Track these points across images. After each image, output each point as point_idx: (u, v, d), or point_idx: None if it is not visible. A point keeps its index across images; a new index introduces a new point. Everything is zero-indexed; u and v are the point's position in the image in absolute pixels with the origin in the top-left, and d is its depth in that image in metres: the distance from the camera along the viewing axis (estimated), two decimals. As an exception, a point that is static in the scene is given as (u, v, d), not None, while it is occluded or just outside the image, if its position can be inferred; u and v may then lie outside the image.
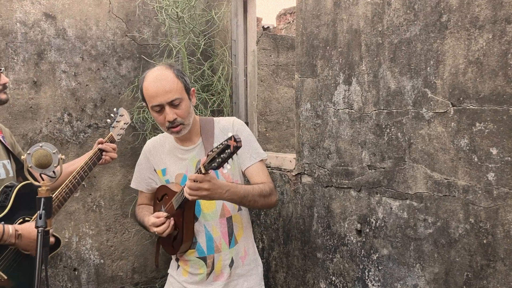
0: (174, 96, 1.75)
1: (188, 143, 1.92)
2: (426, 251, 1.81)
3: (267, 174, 1.92)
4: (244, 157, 1.90)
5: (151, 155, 2.01)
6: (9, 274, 1.68)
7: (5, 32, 2.75)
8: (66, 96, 2.95)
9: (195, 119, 1.92)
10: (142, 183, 2.04)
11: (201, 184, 1.57)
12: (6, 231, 1.61)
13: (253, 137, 1.95)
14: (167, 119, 1.76)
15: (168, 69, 1.79)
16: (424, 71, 1.78)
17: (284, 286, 2.59)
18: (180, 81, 1.78)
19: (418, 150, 1.82)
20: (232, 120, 1.95)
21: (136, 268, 3.24)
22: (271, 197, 1.85)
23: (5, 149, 1.89)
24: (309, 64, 2.33)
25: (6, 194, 1.72)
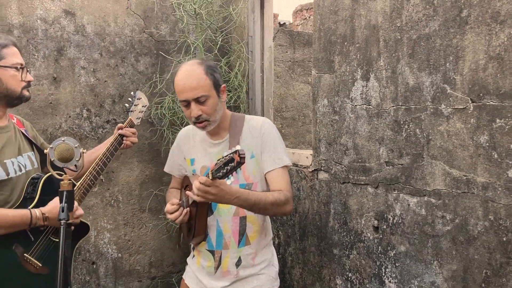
0: (200, 93, 1.77)
1: (217, 137, 1.93)
2: (444, 248, 1.80)
3: (287, 182, 1.89)
4: (267, 161, 1.89)
5: (183, 143, 2.05)
6: (43, 261, 1.73)
7: (26, 29, 2.80)
8: (85, 92, 2.99)
9: (226, 114, 1.94)
10: (174, 168, 2.11)
11: (209, 188, 1.58)
12: (33, 214, 1.66)
13: (280, 141, 1.93)
14: (192, 115, 1.79)
15: (199, 65, 1.81)
16: (443, 67, 1.77)
17: (300, 282, 2.60)
18: (209, 78, 1.79)
19: (437, 147, 1.80)
20: (262, 121, 1.94)
21: (153, 262, 3.27)
22: (286, 206, 1.83)
23: (28, 142, 1.93)
24: (327, 60, 2.33)
25: (33, 185, 1.76)
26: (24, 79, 1.79)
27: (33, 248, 1.73)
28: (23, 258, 1.68)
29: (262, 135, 1.90)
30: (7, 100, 1.79)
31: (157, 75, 3.16)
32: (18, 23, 2.78)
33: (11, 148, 1.80)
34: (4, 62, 1.74)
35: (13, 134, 1.85)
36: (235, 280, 1.91)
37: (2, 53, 1.74)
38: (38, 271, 1.72)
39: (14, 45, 1.80)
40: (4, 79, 1.74)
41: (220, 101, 1.85)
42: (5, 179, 1.72)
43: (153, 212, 3.24)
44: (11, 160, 1.77)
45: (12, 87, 1.76)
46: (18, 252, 1.67)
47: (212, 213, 1.89)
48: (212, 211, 1.89)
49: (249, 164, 1.88)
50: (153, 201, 3.22)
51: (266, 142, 1.90)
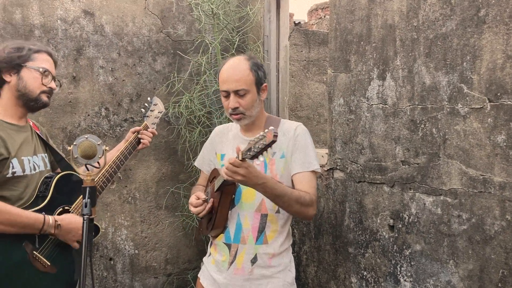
0: (241, 86, 1.84)
1: (250, 134, 1.97)
2: (460, 247, 1.80)
3: (313, 186, 1.90)
4: (296, 162, 1.91)
5: (216, 138, 2.10)
6: (52, 260, 1.76)
7: (47, 29, 2.86)
8: (103, 90, 3.04)
9: (262, 114, 1.99)
10: (204, 163, 2.15)
11: (238, 169, 1.63)
12: (46, 221, 1.70)
13: (312, 147, 1.95)
14: (230, 106, 1.86)
15: (245, 60, 1.89)
16: (460, 66, 1.77)
17: (315, 280, 2.61)
18: (252, 73, 1.86)
19: (453, 146, 1.80)
20: (296, 125, 1.98)
21: (169, 259, 3.32)
22: (309, 208, 1.85)
23: (43, 143, 1.98)
24: (343, 59, 2.34)
25: (46, 184, 1.81)
26: (46, 84, 1.85)
27: (42, 247, 1.76)
28: (32, 255, 1.71)
29: (296, 137, 1.93)
30: (24, 101, 1.84)
31: (174, 75, 3.20)
32: (39, 24, 2.84)
33: (28, 146, 1.86)
34: (30, 64, 1.82)
35: (30, 134, 1.91)
36: (248, 278, 1.90)
37: (32, 56, 1.83)
38: (46, 269, 1.75)
39: (48, 53, 1.88)
40: (26, 78, 1.82)
41: (259, 98, 1.91)
42: (21, 176, 1.78)
43: (170, 210, 3.28)
44: (27, 158, 1.83)
45: (30, 87, 1.82)
46: (28, 250, 1.70)
47: (234, 206, 1.92)
48: (234, 204, 1.92)
49: (278, 163, 1.91)
50: (169, 198, 3.26)
51: (298, 145, 1.92)
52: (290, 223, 2.00)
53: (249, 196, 1.91)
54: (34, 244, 1.72)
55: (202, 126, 3.14)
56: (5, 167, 1.73)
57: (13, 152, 1.76)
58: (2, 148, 1.72)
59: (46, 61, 1.87)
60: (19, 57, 1.80)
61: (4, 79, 1.81)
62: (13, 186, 1.76)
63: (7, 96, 1.83)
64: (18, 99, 1.83)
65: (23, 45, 1.84)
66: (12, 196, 1.75)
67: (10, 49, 1.82)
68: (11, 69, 1.80)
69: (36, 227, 1.69)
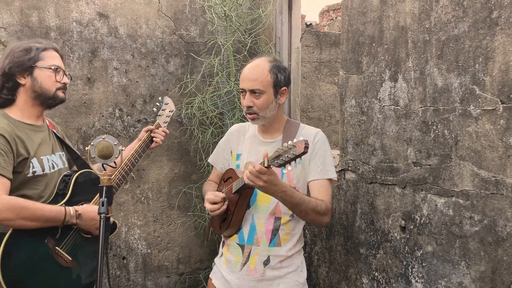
0: (256, 86, 1.86)
1: (268, 136, 1.99)
2: (472, 249, 1.80)
3: (329, 194, 1.92)
4: (313, 169, 1.92)
5: (232, 137, 2.11)
6: (73, 255, 1.81)
7: (63, 31, 2.91)
8: (117, 92, 3.09)
9: (281, 117, 2.00)
10: (218, 161, 2.16)
11: (261, 175, 1.64)
12: (68, 212, 1.75)
13: (330, 154, 1.96)
14: (244, 104, 1.89)
15: (267, 62, 1.91)
16: (473, 68, 1.77)
17: (326, 281, 2.63)
18: (271, 75, 1.87)
19: (465, 148, 1.81)
20: (316, 131, 1.99)
21: (181, 258, 3.35)
22: (324, 217, 1.87)
23: (59, 142, 2.03)
24: (355, 60, 2.35)
25: (65, 182, 1.86)
26: (59, 81, 1.89)
27: (64, 242, 1.81)
28: (55, 251, 1.76)
29: (315, 144, 1.94)
30: (41, 100, 1.88)
31: (187, 76, 3.23)
32: (55, 26, 2.89)
33: (46, 146, 1.91)
34: (41, 64, 1.85)
35: (48, 134, 1.96)
36: (260, 279, 1.92)
37: (41, 56, 1.86)
38: (68, 264, 1.80)
39: (54, 49, 1.91)
40: (40, 79, 1.85)
41: (276, 101, 1.91)
42: (41, 175, 1.83)
43: (182, 210, 3.31)
44: (46, 157, 1.88)
45: (46, 86, 1.86)
46: (50, 245, 1.75)
47: (249, 207, 1.94)
48: (249, 206, 1.94)
49: (295, 169, 1.91)
50: (181, 198, 3.29)
51: (316, 152, 1.93)
52: (302, 226, 2.02)
53: (264, 199, 1.93)
54: (57, 239, 1.77)
55: (215, 127, 3.17)
56: (25, 167, 1.78)
57: (32, 152, 1.81)
58: (22, 148, 1.77)
59: (55, 58, 1.90)
60: (29, 59, 1.84)
61: (19, 82, 1.85)
62: (34, 185, 1.80)
63: (24, 98, 1.87)
64: (35, 99, 1.87)
65: (30, 46, 1.87)
66: (34, 194, 1.80)
67: (18, 53, 1.85)
68: (24, 71, 1.84)
69: (59, 219, 1.74)
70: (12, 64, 1.83)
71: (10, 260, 1.64)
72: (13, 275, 1.64)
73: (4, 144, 1.71)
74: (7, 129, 1.76)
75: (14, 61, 1.83)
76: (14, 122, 1.83)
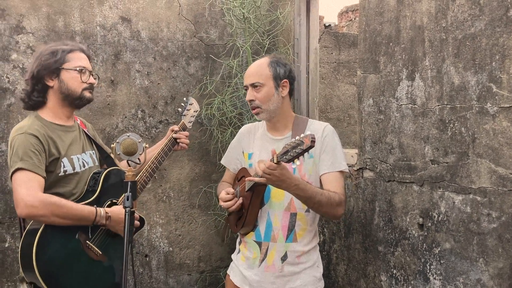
0: (255, 80, 1.93)
1: (277, 133, 2.04)
2: (490, 245, 1.81)
3: (341, 186, 1.95)
4: (324, 163, 1.96)
5: (243, 137, 2.17)
6: (103, 249, 1.88)
7: (87, 35, 3.00)
8: (139, 93, 3.17)
9: (289, 114, 2.05)
10: (231, 162, 2.22)
11: (273, 171, 1.69)
12: (98, 213, 1.81)
13: (340, 147, 2.00)
14: (246, 98, 1.98)
15: (267, 58, 2.00)
16: (489, 66, 1.78)
17: (345, 278, 2.65)
18: (269, 69, 1.95)
19: (482, 145, 1.82)
20: (324, 125, 2.03)
21: (202, 257, 3.41)
22: (338, 208, 1.89)
23: (90, 141, 2.11)
24: (372, 60, 2.38)
25: (95, 179, 1.93)
26: (85, 81, 1.96)
27: (94, 236, 1.88)
28: (86, 245, 1.84)
29: (324, 138, 1.97)
30: (69, 101, 1.96)
31: (207, 77, 3.29)
32: (80, 30, 2.99)
33: (76, 145, 1.99)
34: (67, 65, 1.92)
35: (78, 133, 2.04)
36: (278, 275, 1.96)
37: (67, 57, 1.93)
38: (98, 258, 1.87)
39: (81, 50, 1.98)
40: (66, 80, 1.93)
41: (278, 93, 1.96)
42: (72, 173, 1.91)
43: (202, 208, 3.38)
44: (77, 156, 1.95)
45: (73, 87, 1.93)
46: (82, 239, 1.82)
47: (264, 205, 1.98)
48: (264, 203, 1.98)
49: (306, 164, 1.95)
50: (202, 197, 3.36)
51: (326, 145, 1.97)
52: (317, 221, 2.06)
53: (278, 195, 1.96)
54: (87, 233, 1.84)
55: (234, 127, 3.23)
56: (57, 166, 1.86)
57: (63, 152, 1.89)
58: (54, 149, 1.86)
59: (81, 59, 1.97)
60: (55, 61, 1.91)
61: (48, 85, 1.93)
62: (66, 183, 1.89)
63: (53, 100, 1.95)
64: (64, 100, 1.95)
65: (56, 49, 1.93)
66: (66, 192, 1.88)
67: (45, 56, 1.92)
68: (51, 74, 1.91)
69: (90, 219, 1.81)
70: (40, 67, 1.91)
71: (44, 253, 1.72)
72: (47, 267, 1.72)
73: (37, 144, 1.80)
74: (40, 131, 1.84)
75: (41, 64, 1.91)
76: (46, 124, 1.91)
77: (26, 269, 1.75)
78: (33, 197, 1.70)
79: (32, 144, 1.77)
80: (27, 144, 1.77)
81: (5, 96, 2.83)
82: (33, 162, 1.74)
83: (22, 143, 1.78)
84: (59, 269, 1.75)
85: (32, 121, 1.89)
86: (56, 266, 1.74)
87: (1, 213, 2.84)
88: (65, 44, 2.00)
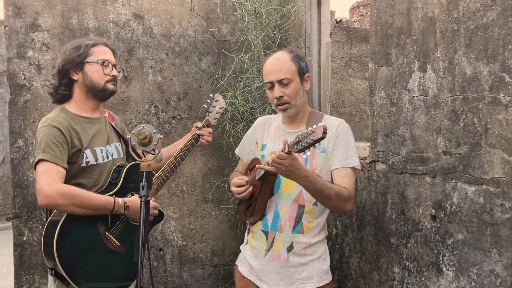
0: (284, 75, 1.92)
1: (293, 126, 2.05)
2: (503, 236, 1.81)
3: (351, 182, 1.96)
4: (336, 158, 1.97)
5: (258, 128, 2.19)
6: (122, 241, 1.93)
7: (101, 32, 3.04)
8: (153, 89, 3.21)
9: (306, 107, 2.06)
10: (244, 152, 2.24)
11: (283, 161, 1.70)
12: (116, 202, 1.86)
13: (353, 143, 2.01)
14: (275, 96, 1.94)
15: (287, 53, 1.98)
16: (502, 56, 1.78)
17: (358, 271, 2.66)
18: (294, 64, 1.95)
19: (495, 135, 1.82)
20: (339, 121, 2.04)
21: (215, 250, 3.44)
22: (346, 203, 1.91)
23: (116, 134, 2.16)
24: (383, 52, 2.38)
25: (118, 172, 1.98)
26: (108, 74, 2.01)
27: (113, 228, 1.92)
28: (105, 236, 1.89)
29: (338, 133, 1.99)
30: (93, 93, 2.02)
31: (219, 72, 3.32)
32: (94, 27, 3.03)
33: (101, 137, 2.04)
34: (90, 59, 1.98)
35: (104, 125, 2.09)
36: (284, 265, 1.97)
37: (90, 51, 1.99)
38: (116, 249, 1.92)
39: (104, 44, 2.04)
40: (89, 73, 1.99)
41: (303, 88, 1.98)
42: (95, 164, 1.96)
43: (215, 203, 3.41)
44: (100, 148, 2.01)
45: (96, 80, 1.99)
46: (101, 230, 1.87)
47: (273, 195, 2.00)
48: (273, 193, 2.00)
49: (318, 158, 1.96)
50: (215, 192, 3.38)
51: (339, 141, 1.98)
52: (326, 216, 2.07)
53: (288, 186, 1.98)
54: (107, 225, 1.89)
55: (246, 122, 3.25)
56: (79, 157, 1.92)
57: (86, 144, 1.95)
58: (77, 140, 1.91)
59: (104, 52, 2.03)
60: (79, 55, 1.98)
61: (73, 78, 2.00)
62: (88, 174, 1.94)
63: (79, 93, 2.01)
64: (88, 93, 2.01)
65: (80, 44, 2.01)
66: (88, 182, 1.94)
67: (70, 50, 2.00)
68: (75, 68, 1.98)
69: (108, 208, 1.86)
70: (64, 62, 1.98)
71: (64, 242, 1.78)
72: (67, 256, 1.78)
73: (59, 136, 1.86)
74: (63, 123, 1.90)
75: (66, 59, 1.98)
76: (71, 115, 1.97)
77: (47, 256, 1.83)
78: (52, 187, 1.75)
79: (54, 136, 1.83)
80: (50, 136, 1.83)
81: (21, 92, 2.89)
82: (54, 154, 1.79)
83: (45, 135, 1.84)
84: (77, 258, 1.80)
85: (56, 114, 1.96)
86: (75, 254, 1.80)
87: (19, 208, 2.90)
88: (89, 39, 2.07)
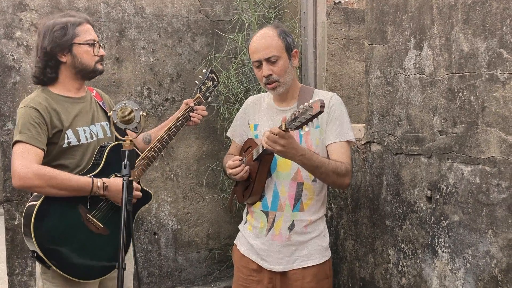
0: (272, 53, 1.86)
1: (284, 104, 2.01)
2: (499, 216, 1.76)
3: (347, 156, 1.93)
4: (331, 133, 1.93)
5: (248, 109, 2.14)
6: (104, 223, 1.89)
7: (91, 12, 2.97)
8: (145, 71, 3.14)
9: (296, 84, 2.01)
10: (236, 133, 2.19)
11: (278, 139, 1.66)
12: (95, 183, 1.81)
13: (347, 117, 1.97)
14: (263, 74, 1.89)
15: (273, 29, 1.92)
16: (500, 31, 1.72)
17: (353, 254, 2.63)
18: (281, 40, 1.89)
19: (492, 113, 1.76)
20: (331, 95, 2.00)
21: (210, 234, 3.41)
22: (345, 178, 1.88)
23: (104, 113, 2.10)
24: (379, 30, 2.31)
25: (101, 153, 1.93)
26: (97, 54, 1.95)
27: (95, 210, 1.88)
28: (86, 218, 1.85)
29: (330, 107, 1.95)
30: (82, 74, 1.97)
31: (212, 53, 3.25)
32: (83, 7, 2.96)
33: (84, 117, 1.98)
34: (78, 40, 1.91)
35: (88, 104, 2.03)
36: (285, 244, 1.96)
37: (77, 31, 1.92)
38: (99, 231, 1.88)
39: (87, 22, 1.97)
40: (79, 55, 1.92)
41: (291, 64, 1.93)
42: (77, 145, 1.91)
43: (210, 186, 3.37)
44: (83, 128, 1.95)
45: (86, 61, 1.93)
46: (82, 212, 1.83)
47: (270, 175, 1.96)
48: (270, 174, 1.96)
49: (313, 134, 1.94)
50: (209, 175, 3.34)
51: (333, 115, 1.94)
52: (325, 191, 2.04)
53: (284, 166, 1.95)
54: (88, 207, 1.84)
55: (240, 104, 3.19)
56: (60, 138, 1.86)
57: (67, 124, 1.90)
58: (57, 120, 1.86)
59: (89, 31, 1.96)
60: (65, 36, 1.89)
61: (60, 60, 1.93)
62: (71, 155, 1.90)
63: (65, 74, 1.95)
64: (77, 74, 1.96)
65: (66, 23, 1.91)
66: (71, 164, 1.89)
67: (56, 32, 1.89)
68: (63, 49, 1.91)
69: (86, 190, 1.81)
70: (53, 44, 1.89)
71: (43, 223, 1.74)
72: (45, 238, 1.74)
73: (37, 117, 1.80)
74: (42, 103, 1.85)
75: (54, 41, 1.89)
76: (52, 96, 1.92)
77: (27, 238, 1.79)
78: (26, 168, 1.71)
79: (32, 117, 1.78)
80: (27, 117, 1.78)
81: (10, 74, 2.83)
82: (31, 135, 1.74)
83: (22, 116, 1.79)
84: (57, 240, 1.77)
85: (36, 94, 1.91)
86: (53, 237, 1.76)
87: (10, 191, 2.86)
88: (71, 15, 1.98)
